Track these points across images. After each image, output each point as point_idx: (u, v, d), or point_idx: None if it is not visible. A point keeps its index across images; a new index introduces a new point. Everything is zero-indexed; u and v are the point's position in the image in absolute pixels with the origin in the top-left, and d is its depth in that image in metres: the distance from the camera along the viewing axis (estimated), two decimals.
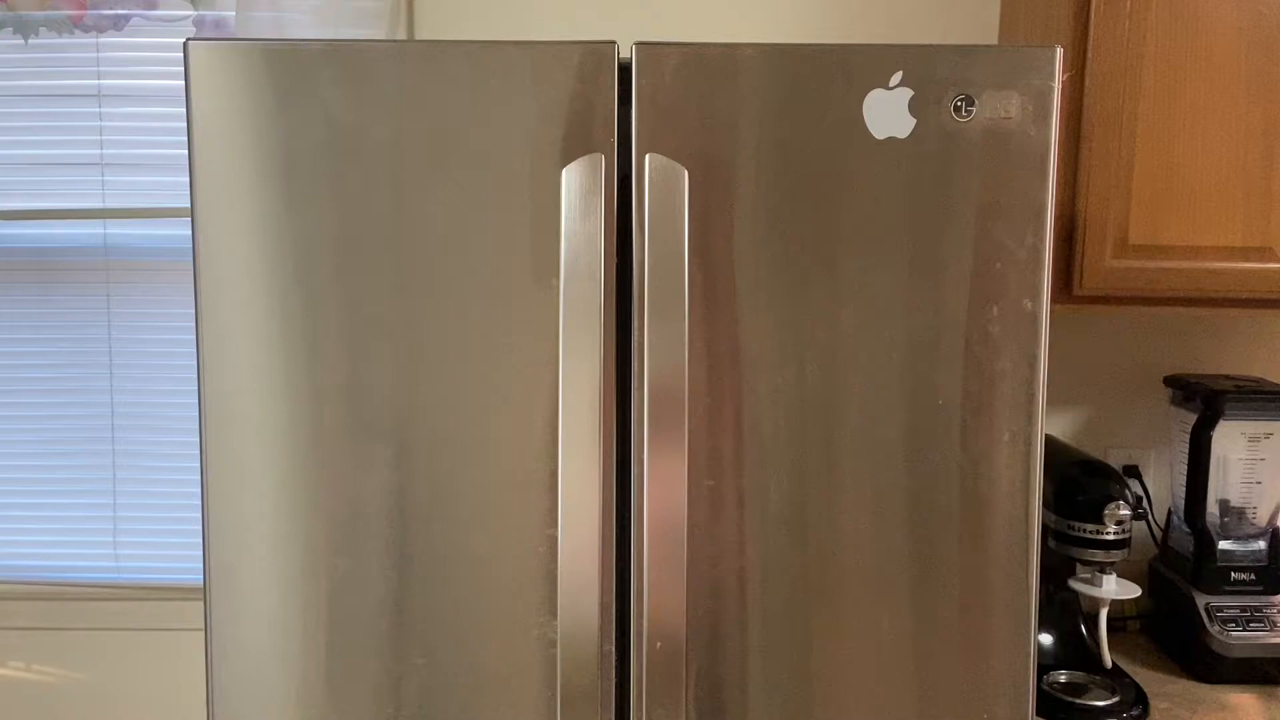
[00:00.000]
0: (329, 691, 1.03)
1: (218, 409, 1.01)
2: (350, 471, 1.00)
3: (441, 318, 0.98)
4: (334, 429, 1.00)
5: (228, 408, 1.01)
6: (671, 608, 0.98)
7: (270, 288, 0.99)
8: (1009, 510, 1.00)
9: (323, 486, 1.01)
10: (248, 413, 1.01)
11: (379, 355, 0.99)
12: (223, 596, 1.03)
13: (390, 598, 1.01)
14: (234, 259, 0.99)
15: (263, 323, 0.99)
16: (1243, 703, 1.45)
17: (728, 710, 1.01)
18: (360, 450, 1.00)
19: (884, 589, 1.01)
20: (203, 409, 1.01)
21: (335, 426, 1.00)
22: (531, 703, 1.01)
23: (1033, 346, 0.97)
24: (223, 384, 1.01)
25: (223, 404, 1.01)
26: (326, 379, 1.00)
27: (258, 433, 1.01)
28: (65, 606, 1.78)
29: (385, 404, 0.99)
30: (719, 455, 0.99)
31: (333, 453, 1.00)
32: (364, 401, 0.99)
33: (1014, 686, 1.03)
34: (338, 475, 1.01)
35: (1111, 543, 1.39)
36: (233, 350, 1.00)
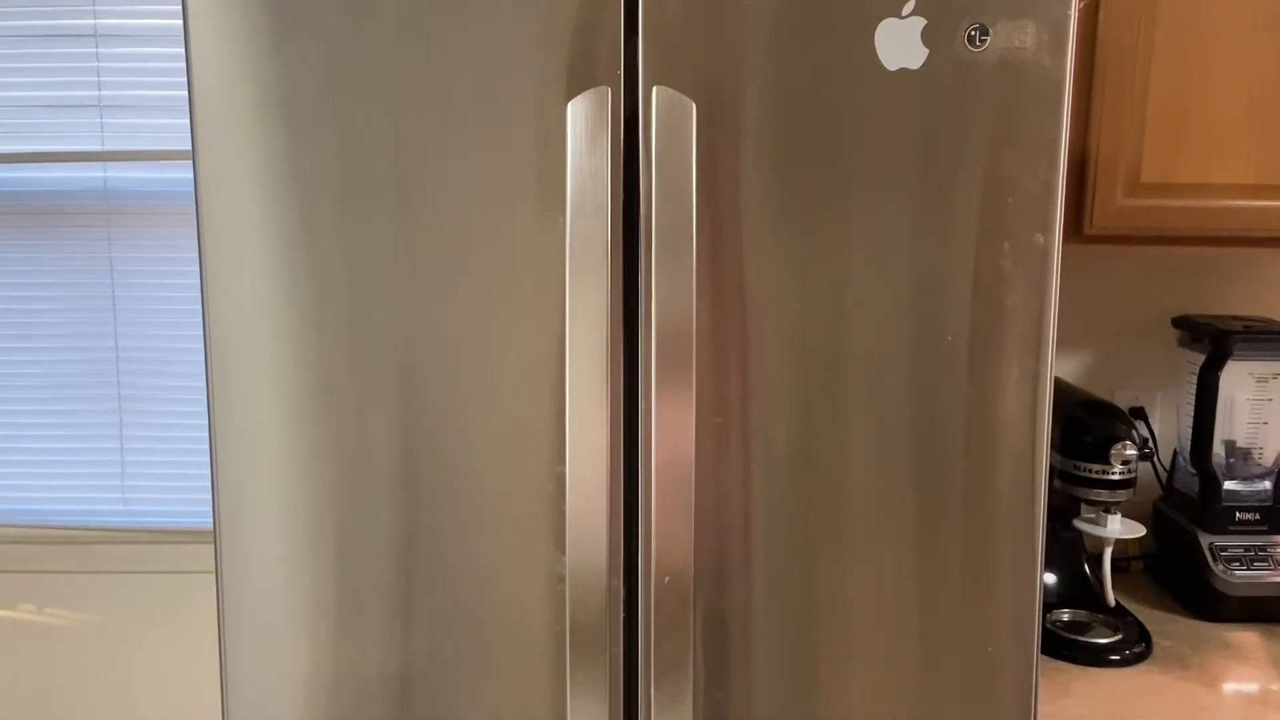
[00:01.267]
0: (339, 630, 1.03)
1: (222, 352, 1.00)
2: (357, 412, 1.00)
3: (446, 256, 0.97)
4: (340, 370, 1.00)
5: (232, 351, 1.00)
6: (679, 543, 0.98)
7: (273, 228, 0.98)
8: (1017, 447, 1.00)
9: (330, 427, 1.01)
10: (253, 355, 1.00)
11: (383, 294, 0.98)
12: (232, 539, 1.03)
13: (399, 536, 1.01)
14: (236, 200, 0.98)
15: (266, 265, 0.99)
16: (1245, 641, 1.46)
17: (734, 644, 1.02)
18: (367, 390, 1.00)
19: (889, 526, 1.01)
20: (208, 352, 1.01)
21: (341, 367, 1.00)
22: (541, 638, 1.01)
23: (1044, 282, 0.96)
24: (227, 327, 1.00)
25: (227, 347, 1.00)
26: (331, 319, 0.99)
27: (263, 375, 1.00)
28: (75, 550, 1.80)
29: (391, 344, 0.99)
30: (726, 393, 0.99)
31: (339, 394, 1.00)
32: (369, 342, 0.99)
33: (1019, 622, 1.03)
34: (344, 416, 1.00)
35: (1117, 482, 1.40)
36: (236, 292, 1.00)
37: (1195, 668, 1.38)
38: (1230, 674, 1.36)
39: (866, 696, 1.03)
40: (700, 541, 1.00)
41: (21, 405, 1.77)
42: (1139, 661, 1.39)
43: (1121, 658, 1.38)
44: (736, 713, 1.03)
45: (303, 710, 1.05)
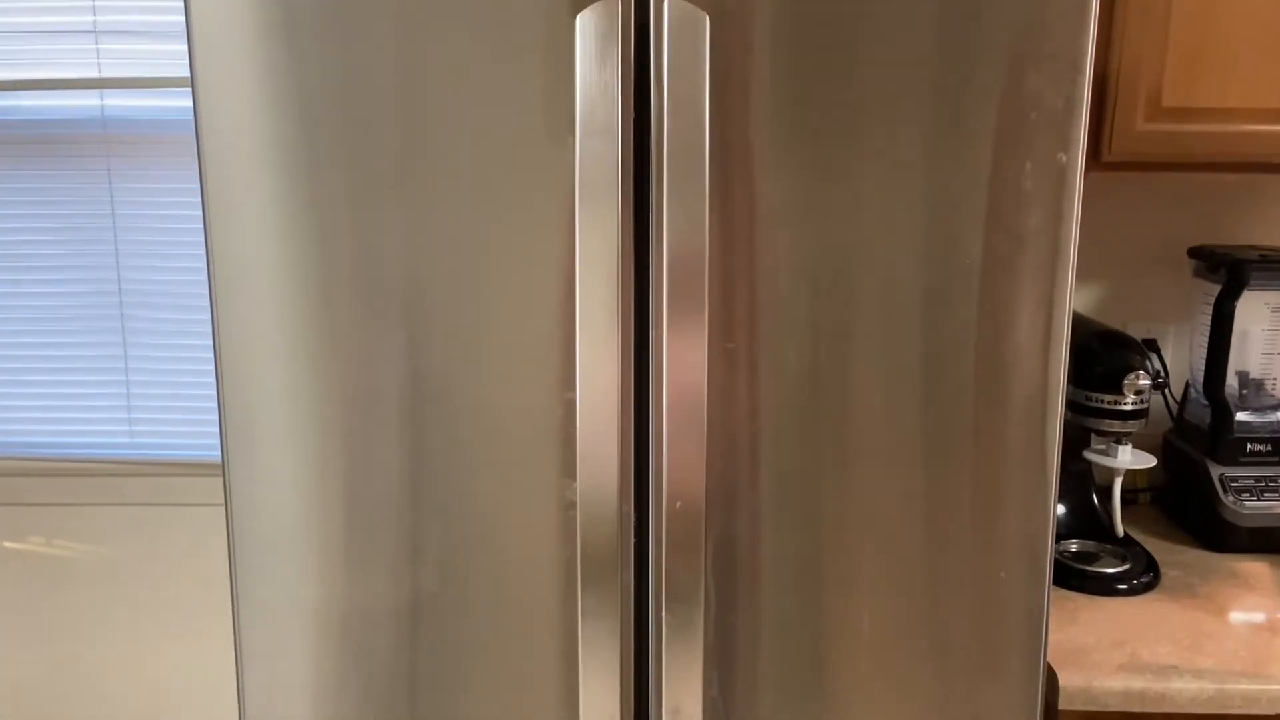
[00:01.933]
0: (349, 560, 1.03)
1: (226, 282, 0.99)
2: (363, 340, 0.99)
3: (451, 178, 0.95)
4: (345, 299, 0.98)
5: (236, 281, 0.99)
6: (691, 469, 0.97)
7: (275, 155, 0.96)
8: (1032, 373, 0.99)
9: (336, 356, 0.99)
10: (256, 286, 0.99)
11: (388, 220, 0.96)
12: (240, 471, 1.02)
13: (408, 465, 1.01)
14: (236, 126, 0.96)
15: (268, 193, 0.97)
16: (1254, 570, 1.46)
17: (744, 569, 1.02)
18: (373, 318, 0.98)
19: (900, 452, 1.00)
20: (211, 283, 0.99)
21: (346, 296, 0.98)
22: (552, 563, 1.01)
23: (1065, 203, 0.94)
24: (229, 257, 0.98)
25: (230, 277, 0.99)
26: (336, 246, 0.97)
27: (268, 306, 0.99)
28: (83, 483, 1.80)
29: (396, 270, 0.97)
30: (738, 317, 0.97)
31: (345, 323, 0.99)
32: (375, 268, 0.97)
33: (1031, 547, 1.03)
34: (351, 345, 0.99)
35: (1129, 413, 1.39)
36: (238, 222, 0.98)
37: (1203, 597, 1.38)
38: (1238, 603, 1.36)
39: (876, 620, 1.03)
40: (711, 467, 0.99)
41: (25, 338, 1.76)
42: (1147, 591, 1.39)
43: (1129, 587, 1.39)
44: (745, 637, 1.03)
45: (314, 640, 1.05)
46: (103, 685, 1.90)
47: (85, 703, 1.91)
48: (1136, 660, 1.22)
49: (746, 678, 1.04)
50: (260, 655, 1.05)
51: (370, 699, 1.05)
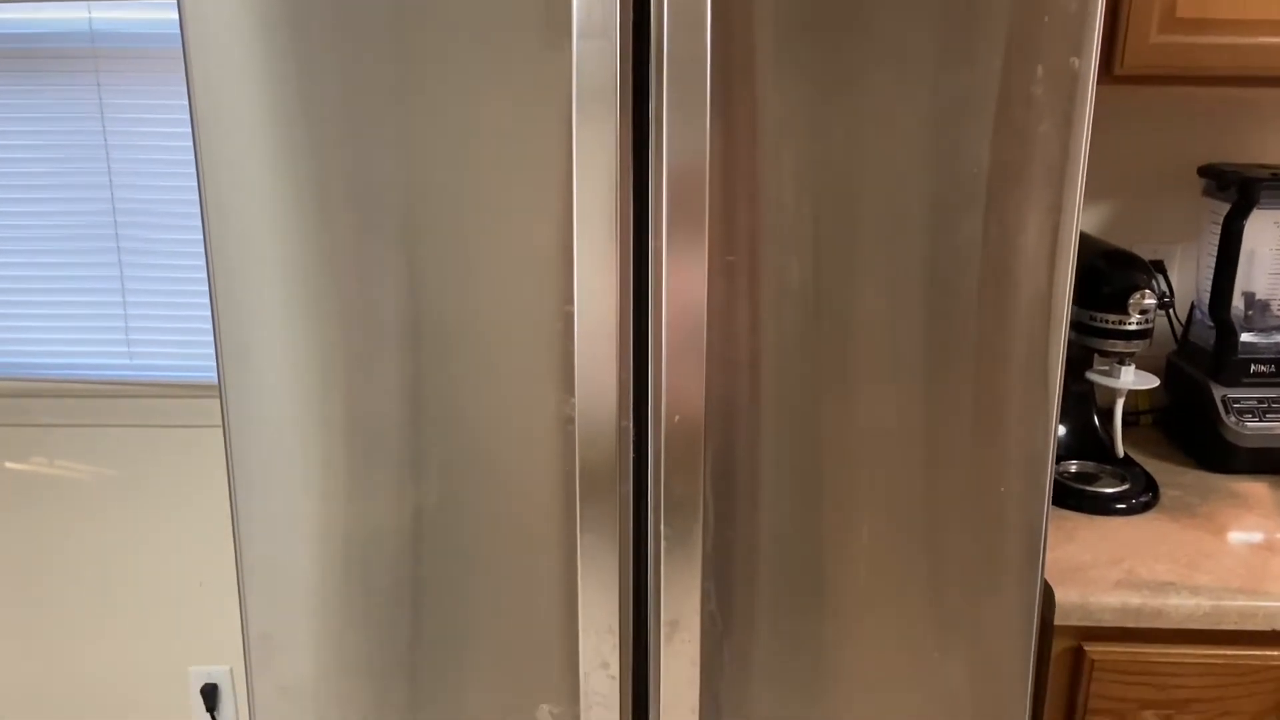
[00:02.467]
0: (350, 477, 1.03)
1: (218, 200, 0.97)
2: (360, 256, 0.97)
3: (446, 86, 0.93)
4: (341, 214, 0.96)
5: (229, 199, 0.97)
6: (690, 383, 0.96)
7: (266, 67, 0.93)
8: (1037, 286, 0.97)
9: (333, 274, 0.98)
10: (250, 203, 0.97)
11: (383, 131, 0.94)
12: (237, 392, 1.02)
13: (407, 381, 1.00)
14: (225, 35, 0.93)
15: (260, 107, 0.94)
16: (1254, 491, 1.46)
17: (742, 483, 1.02)
18: (369, 234, 0.96)
19: (901, 366, 0.99)
20: (203, 199, 0.97)
21: (342, 211, 0.96)
22: (551, 478, 1.01)
23: (1076, 110, 0.92)
24: (221, 173, 0.96)
25: (223, 193, 0.97)
26: (331, 160, 0.95)
27: (262, 223, 0.97)
28: (84, 404, 1.80)
29: (392, 183, 0.95)
30: (739, 229, 0.96)
31: (341, 239, 0.97)
32: (370, 182, 0.95)
33: (1032, 462, 1.02)
34: (347, 261, 0.97)
35: (1134, 333, 1.37)
36: (229, 135, 0.95)
37: (1202, 516, 1.38)
38: (1237, 522, 1.37)
39: (875, 535, 1.03)
40: (711, 381, 0.98)
41: (19, 258, 1.75)
42: (1145, 510, 1.40)
43: (1128, 506, 1.39)
44: (744, 551, 1.03)
45: (316, 556, 1.05)
46: (105, 603, 1.92)
47: (83, 619, 1.93)
48: (1133, 577, 1.22)
49: (744, 591, 1.04)
50: (261, 572, 1.06)
51: (371, 612, 1.06)
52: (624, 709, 1.05)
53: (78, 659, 1.95)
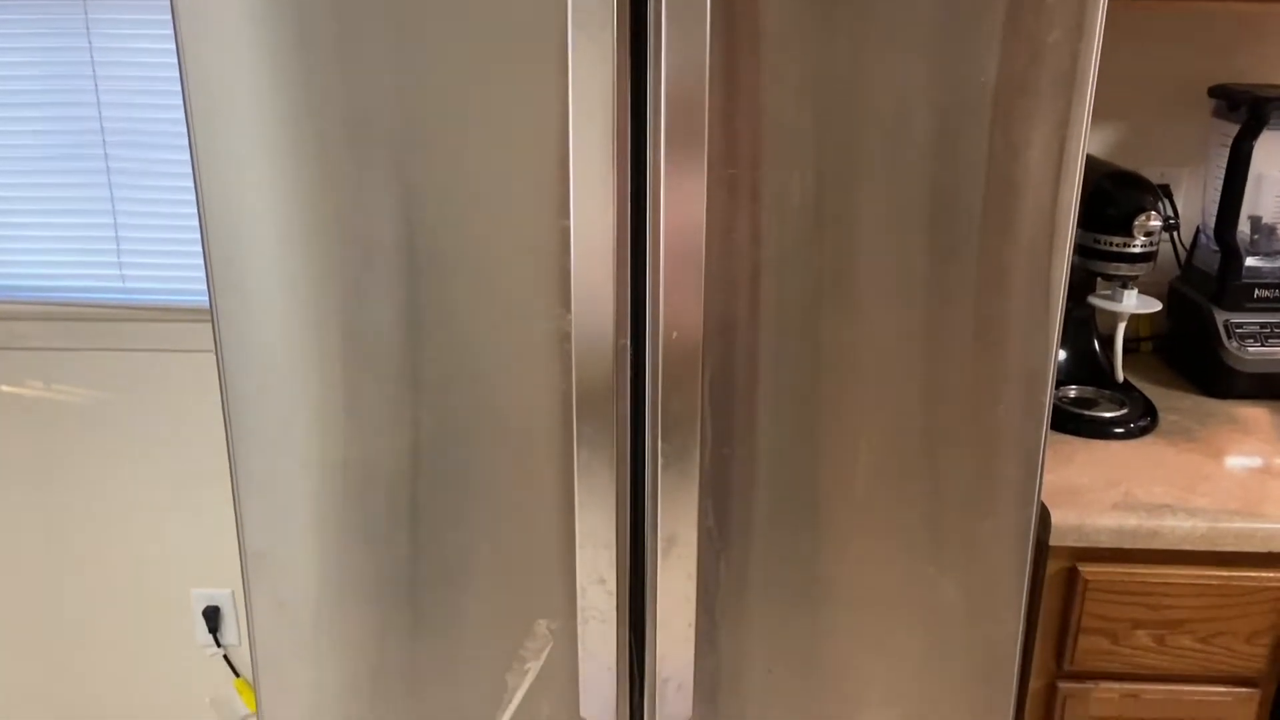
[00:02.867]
0: (346, 397, 1.02)
1: (206, 119, 0.94)
2: (351, 171, 0.95)
3: (439, 2, 0.90)
4: (334, 134, 0.93)
5: (217, 118, 0.94)
6: (688, 300, 0.95)
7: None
8: (1043, 201, 0.96)
9: (326, 195, 0.96)
10: (240, 123, 0.94)
11: (374, 47, 0.91)
12: (230, 314, 1.00)
13: (401, 297, 0.98)
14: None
15: (248, 19, 0.91)
16: (1253, 416, 1.46)
17: (740, 402, 1.01)
18: (360, 146, 0.94)
19: (902, 283, 0.98)
20: (189, 115, 0.94)
21: (332, 124, 0.93)
22: (548, 395, 1.00)
23: (1088, 16, 0.89)
24: (209, 87, 0.93)
25: (211, 113, 0.94)
26: (323, 79, 0.92)
27: (252, 143, 0.94)
28: (78, 327, 1.79)
29: (385, 101, 0.92)
30: (739, 142, 0.93)
31: (334, 159, 0.94)
32: (364, 101, 0.92)
33: (1032, 381, 1.02)
34: (341, 182, 0.95)
35: (1138, 256, 1.36)
36: (217, 53, 0.92)
37: (1201, 440, 1.38)
38: (1236, 447, 1.36)
39: (872, 453, 1.03)
40: (709, 297, 0.97)
41: (6, 178, 1.72)
42: (1144, 435, 1.39)
43: (1126, 430, 1.39)
44: (741, 470, 1.03)
45: (313, 479, 1.05)
46: (102, 526, 1.93)
47: (84, 544, 1.94)
48: (1130, 499, 1.22)
49: (741, 508, 1.04)
50: (257, 490, 1.06)
51: (369, 530, 1.06)
52: (621, 623, 1.06)
53: (78, 581, 1.97)
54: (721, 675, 1.11)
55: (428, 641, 1.09)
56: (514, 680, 1.10)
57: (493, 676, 1.10)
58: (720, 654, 1.10)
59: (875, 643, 1.10)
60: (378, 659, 1.10)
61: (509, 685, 1.10)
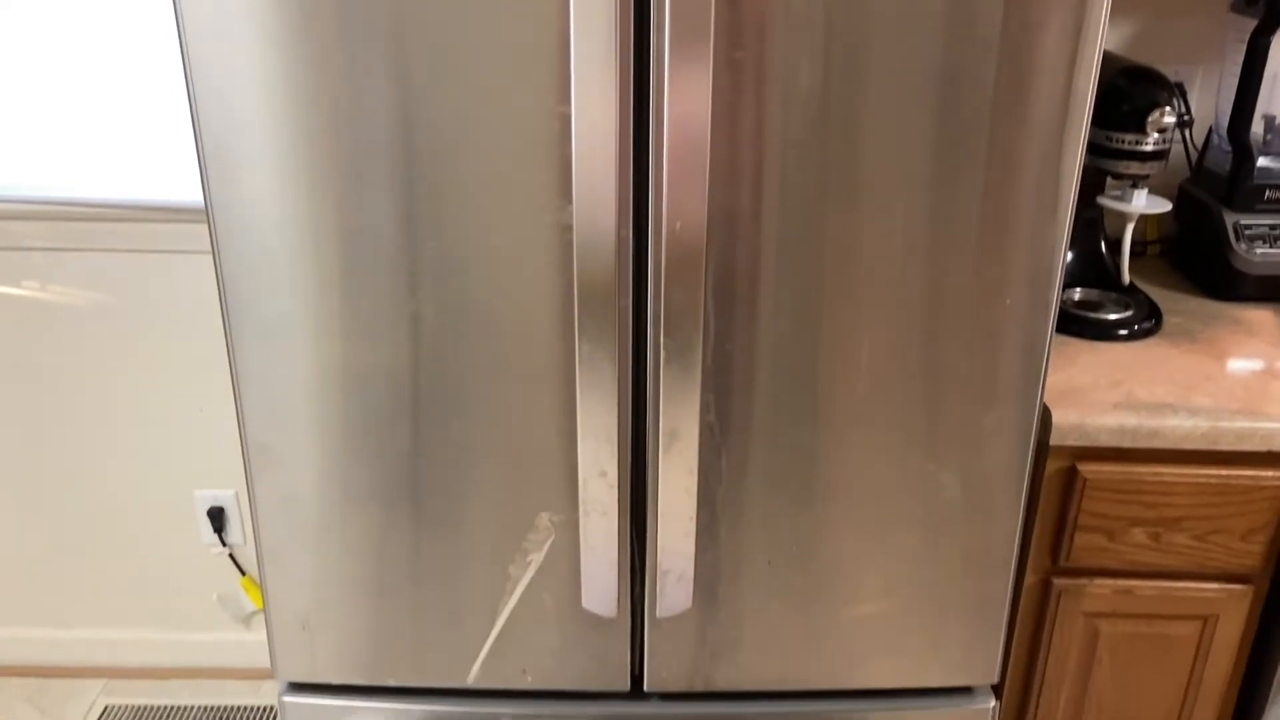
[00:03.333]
0: (344, 290, 1.01)
1: (196, 6, 0.91)
2: (345, 56, 0.91)
3: None
4: (324, 9, 0.90)
5: (209, 5, 0.90)
6: (692, 189, 0.93)
7: None
8: (1057, 88, 0.93)
9: (318, 76, 0.92)
10: (231, 12, 0.90)
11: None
12: (224, 206, 0.98)
13: (398, 186, 0.96)
14: None
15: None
16: (1258, 318, 1.45)
17: (742, 294, 1.00)
18: (354, 29, 0.91)
19: (909, 174, 0.96)
20: (179, 10, 0.91)
21: (327, 10, 0.90)
22: (549, 287, 0.99)
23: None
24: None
25: (203, 2, 0.90)
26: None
27: (241, 25, 0.91)
28: (73, 227, 1.77)
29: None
30: (746, 21, 0.90)
31: (325, 39, 0.91)
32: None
33: (1040, 270, 1.00)
34: (332, 63, 0.92)
35: (1149, 154, 1.33)
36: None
37: (1204, 342, 1.37)
38: (1240, 348, 1.36)
39: (876, 347, 1.02)
40: (714, 187, 0.95)
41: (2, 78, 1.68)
42: (1148, 336, 1.39)
43: (1130, 332, 1.38)
44: (742, 364, 1.03)
45: (313, 375, 1.04)
46: (103, 429, 1.94)
47: (85, 446, 1.95)
48: (1132, 399, 1.22)
49: (743, 402, 1.04)
50: (258, 384, 1.05)
51: (371, 427, 1.06)
52: (622, 516, 1.07)
53: (81, 483, 1.98)
54: (721, 568, 1.12)
55: (431, 534, 1.10)
56: (516, 572, 1.11)
57: (496, 568, 1.11)
58: (720, 547, 1.11)
59: (874, 537, 1.11)
60: (382, 550, 1.11)
61: (511, 576, 1.11)
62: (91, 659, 2.13)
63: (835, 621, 1.15)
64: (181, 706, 2.05)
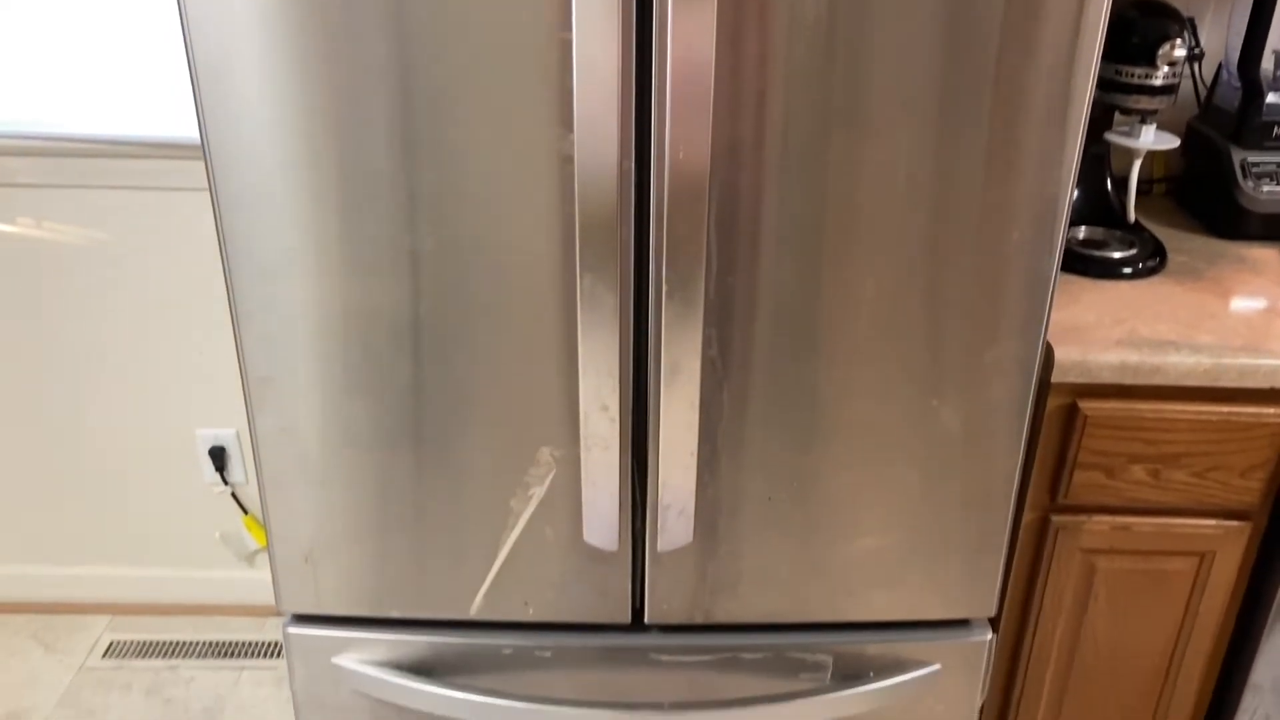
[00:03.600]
0: (342, 221, 0.99)
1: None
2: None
3: None
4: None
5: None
6: (695, 119, 0.92)
7: None
8: (1068, 12, 0.91)
9: (314, 9, 0.90)
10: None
11: None
12: (220, 140, 0.96)
13: (395, 113, 0.95)
14: None
15: None
16: (1263, 257, 1.44)
17: (745, 227, 0.99)
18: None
19: (915, 105, 0.94)
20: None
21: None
22: (551, 220, 0.98)
23: None
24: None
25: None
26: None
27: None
28: (68, 163, 1.75)
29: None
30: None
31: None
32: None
33: (1045, 205, 0.99)
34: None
35: (1159, 88, 1.31)
36: None
37: (1209, 280, 1.37)
38: (1244, 287, 1.35)
39: (879, 281, 1.02)
40: (718, 116, 0.94)
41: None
42: (1152, 275, 1.38)
43: (1134, 270, 1.37)
44: (744, 298, 1.02)
45: (312, 303, 1.03)
46: (106, 367, 1.94)
47: (83, 382, 1.95)
48: (1135, 336, 1.22)
49: (745, 338, 1.03)
50: (258, 318, 1.04)
51: (372, 361, 1.05)
52: (623, 450, 1.07)
53: (83, 422, 1.98)
54: (722, 502, 1.12)
55: (433, 468, 1.10)
56: (518, 506, 1.11)
57: (498, 502, 1.11)
58: (721, 482, 1.11)
59: (874, 472, 1.11)
60: (384, 484, 1.11)
61: (513, 510, 1.12)
62: (96, 596, 2.15)
63: (834, 556, 1.16)
64: (186, 641, 2.08)
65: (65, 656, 2.04)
